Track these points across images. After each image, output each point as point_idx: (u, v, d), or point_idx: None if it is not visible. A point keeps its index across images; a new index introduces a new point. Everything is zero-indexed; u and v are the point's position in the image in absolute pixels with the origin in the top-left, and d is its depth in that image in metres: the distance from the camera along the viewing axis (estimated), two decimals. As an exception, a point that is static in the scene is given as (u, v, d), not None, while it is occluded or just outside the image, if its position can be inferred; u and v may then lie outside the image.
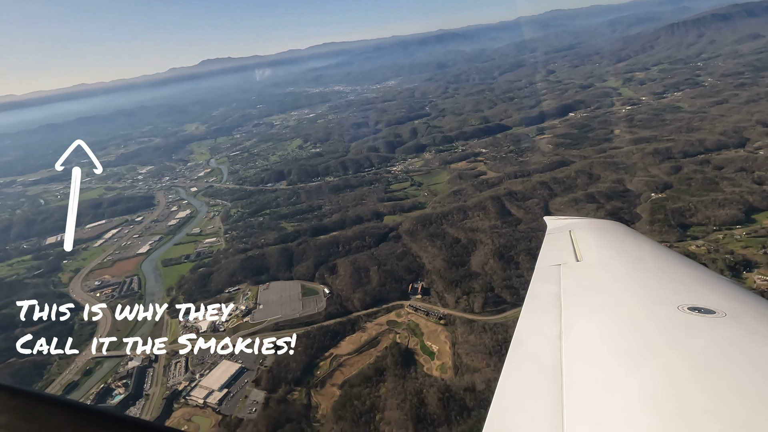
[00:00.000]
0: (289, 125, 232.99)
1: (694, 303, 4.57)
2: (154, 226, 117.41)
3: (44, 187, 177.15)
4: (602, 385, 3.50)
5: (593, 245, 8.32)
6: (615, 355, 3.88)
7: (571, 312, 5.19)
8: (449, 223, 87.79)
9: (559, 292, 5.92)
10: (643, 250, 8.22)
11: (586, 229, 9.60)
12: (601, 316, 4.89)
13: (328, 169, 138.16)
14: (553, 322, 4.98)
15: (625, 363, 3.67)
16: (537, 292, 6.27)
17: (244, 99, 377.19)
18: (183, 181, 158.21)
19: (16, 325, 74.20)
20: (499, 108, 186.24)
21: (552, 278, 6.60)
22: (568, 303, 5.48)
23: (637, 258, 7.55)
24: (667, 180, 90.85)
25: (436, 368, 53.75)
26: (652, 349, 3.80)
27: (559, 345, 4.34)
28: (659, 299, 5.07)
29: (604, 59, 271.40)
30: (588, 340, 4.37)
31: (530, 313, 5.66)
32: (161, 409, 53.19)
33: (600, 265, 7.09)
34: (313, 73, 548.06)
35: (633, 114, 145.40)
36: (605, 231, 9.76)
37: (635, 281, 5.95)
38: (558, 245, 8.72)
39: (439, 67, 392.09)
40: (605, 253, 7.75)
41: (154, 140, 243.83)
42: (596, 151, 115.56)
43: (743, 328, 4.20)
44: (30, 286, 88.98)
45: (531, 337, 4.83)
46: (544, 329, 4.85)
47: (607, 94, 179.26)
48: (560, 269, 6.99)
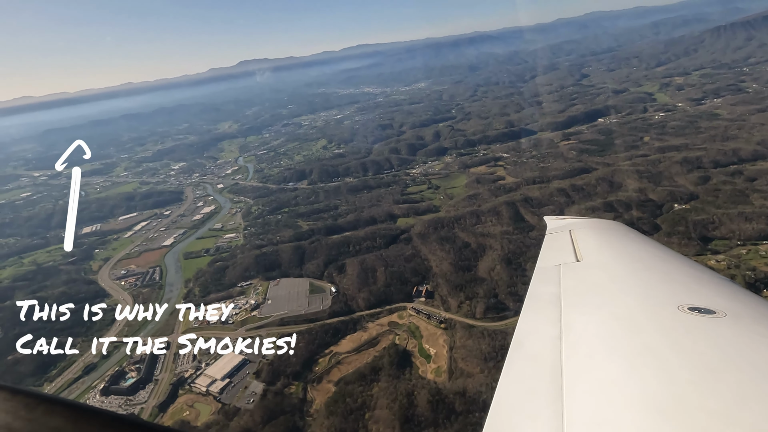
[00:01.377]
0: (317, 126, 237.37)
1: (694, 303, 4.61)
2: (180, 220, 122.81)
3: (86, 180, 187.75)
4: (602, 385, 3.51)
5: (593, 245, 8.38)
6: (615, 355, 3.89)
7: (571, 312, 5.20)
8: (461, 227, 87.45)
9: (559, 292, 5.96)
10: (643, 250, 8.27)
11: (586, 229, 9.67)
12: (601, 316, 4.89)
13: (348, 170, 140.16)
14: (553, 322, 4.98)
15: (625, 363, 3.69)
16: (537, 292, 6.29)
17: (277, 99, 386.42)
18: (211, 177, 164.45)
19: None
20: (525, 112, 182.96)
21: (552, 278, 6.64)
22: (568, 303, 5.51)
23: (638, 258, 7.61)
24: (693, 190, 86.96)
25: (431, 371, 54.02)
26: (652, 349, 3.82)
27: (559, 345, 4.34)
28: (659, 299, 5.10)
29: (642, 63, 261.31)
30: (588, 340, 4.39)
31: (530, 313, 5.65)
32: (167, 394, 56.04)
33: (600, 265, 7.16)
34: (345, 74, 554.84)
35: (666, 121, 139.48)
36: (605, 231, 9.80)
37: (635, 281, 6.00)
38: (558, 245, 8.76)
39: (470, 69, 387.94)
40: (605, 253, 7.83)
41: (189, 137, 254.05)
42: (621, 158, 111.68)
43: (743, 329, 4.22)
44: (63, 272, 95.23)
45: (531, 337, 4.82)
46: (544, 329, 4.84)
47: (641, 100, 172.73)
48: (560, 269, 7.02)
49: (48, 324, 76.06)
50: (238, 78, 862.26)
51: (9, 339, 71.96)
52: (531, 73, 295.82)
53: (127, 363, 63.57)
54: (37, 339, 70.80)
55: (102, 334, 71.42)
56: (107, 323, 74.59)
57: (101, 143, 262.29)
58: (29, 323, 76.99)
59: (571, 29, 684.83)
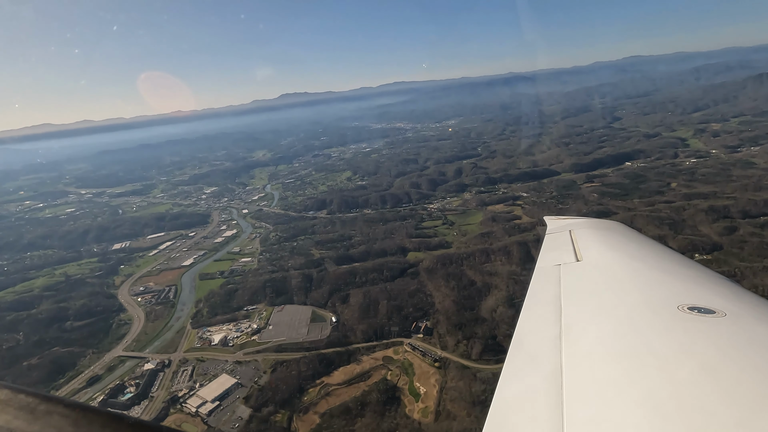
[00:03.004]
0: (345, 157, 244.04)
1: (695, 303, 4.61)
2: (202, 241, 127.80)
3: (125, 200, 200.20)
4: (602, 385, 3.52)
5: (593, 245, 8.38)
6: (615, 355, 3.90)
7: (570, 312, 5.20)
8: (469, 265, 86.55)
9: (558, 292, 5.95)
10: (643, 250, 8.23)
11: (586, 229, 9.71)
12: (601, 316, 4.92)
13: (367, 201, 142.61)
14: (553, 322, 4.97)
15: (625, 363, 3.70)
16: (537, 292, 6.30)
17: (312, 130, 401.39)
18: (238, 203, 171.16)
19: (68, 318, 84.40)
20: (551, 153, 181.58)
21: (552, 278, 6.65)
22: (567, 303, 5.50)
23: (638, 258, 7.56)
24: (717, 241, 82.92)
25: (417, 411, 52.67)
26: (651, 349, 3.83)
27: (559, 345, 4.34)
28: (659, 299, 5.09)
29: (678, 108, 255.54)
30: (588, 340, 4.39)
31: (530, 314, 5.67)
32: (159, 411, 57.18)
33: (600, 265, 7.14)
34: (379, 109, 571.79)
35: (696, 167, 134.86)
36: (605, 231, 9.78)
37: (636, 281, 5.99)
38: (558, 245, 8.78)
39: (502, 108, 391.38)
40: (605, 253, 7.79)
41: (224, 164, 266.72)
42: (644, 203, 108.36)
43: (743, 328, 4.22)
44: (89, 285, 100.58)
45: (531, 337, 4.82)
46: (544, 329, 4.83)
47: (672, 145, 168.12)
48: (560, 269, 7.01)
49: (65, 333, 79.98)
50: (278, 110, 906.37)
51: (29, 345, 76.34)
52: (562, 114, 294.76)
53: (128, 378, 65.61)
54: (53, 347, 74.27)
55: (113, 347, 74.36)
56: (119, 337, 77.71)
57: (145, 165, 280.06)
58: (49, 331, 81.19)
59: (608, 72, 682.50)
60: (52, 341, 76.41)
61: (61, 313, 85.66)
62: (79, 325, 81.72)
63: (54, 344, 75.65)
